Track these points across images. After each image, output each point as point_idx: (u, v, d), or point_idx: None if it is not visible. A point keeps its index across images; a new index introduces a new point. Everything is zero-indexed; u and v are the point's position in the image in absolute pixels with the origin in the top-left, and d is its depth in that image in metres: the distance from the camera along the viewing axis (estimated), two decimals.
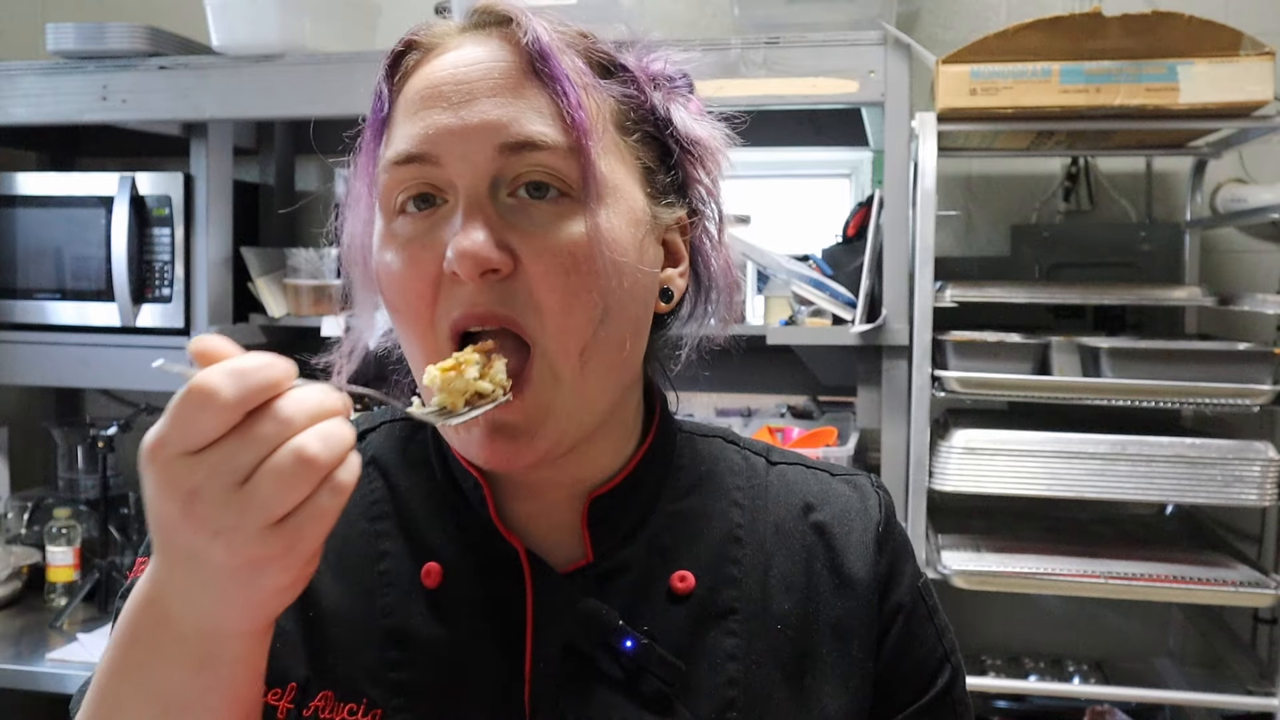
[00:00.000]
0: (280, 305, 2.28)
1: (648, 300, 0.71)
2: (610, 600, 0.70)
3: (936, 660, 0.77)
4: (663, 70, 0.74)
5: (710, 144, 0.75)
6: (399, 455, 0.78)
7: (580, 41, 0.70)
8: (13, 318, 2.30)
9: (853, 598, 0.74)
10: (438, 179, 0.66)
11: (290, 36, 2.06)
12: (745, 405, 2.39)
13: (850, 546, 0.76)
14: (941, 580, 1.77)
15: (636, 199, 0.70)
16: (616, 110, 0.70)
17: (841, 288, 1.94)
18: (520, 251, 0.64)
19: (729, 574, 0.73)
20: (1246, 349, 1.75)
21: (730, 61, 1.87)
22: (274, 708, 0.69)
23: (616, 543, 0.73)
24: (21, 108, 2.17)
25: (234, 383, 0.48)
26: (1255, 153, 2.18)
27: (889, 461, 1.85)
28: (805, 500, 0.78)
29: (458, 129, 0.65)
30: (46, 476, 2.68)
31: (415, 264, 0.66)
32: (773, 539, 0.76)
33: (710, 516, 0.76)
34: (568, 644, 0.69)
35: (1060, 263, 2.21)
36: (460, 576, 0.72)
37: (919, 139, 1.77)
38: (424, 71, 0.68)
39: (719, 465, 0.79)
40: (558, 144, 0.65)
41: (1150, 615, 2.23)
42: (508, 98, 0.65)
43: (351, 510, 0.74)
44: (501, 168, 0.65)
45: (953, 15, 2.29)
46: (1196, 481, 1.70)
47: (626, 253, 0.67)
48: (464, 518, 0.73)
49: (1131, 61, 1.69)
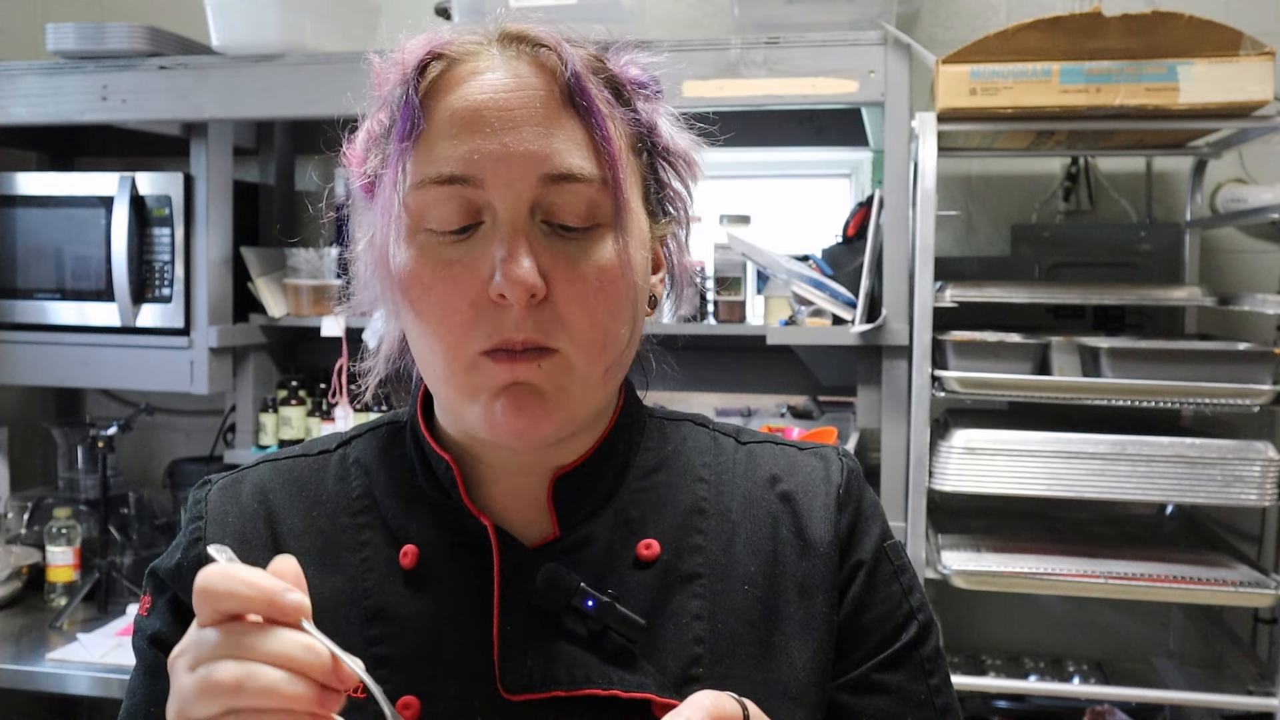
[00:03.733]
0: (280, 305, 2.28)
1: (644, 309, 0.77)
2: (578, 571, 0.74)
3: (901, 616, 0.79)
4: (638, 77, 0.76)
5: (689, 156, 0.79)
6: (381, 455, 0.82)
7: (599, 66, 0.73)
8: (13, 318, 2.30)
9: (815, 557, 0.78)
10: (477, 199, 0.69)
11: (290, 36, 2.06)
12: (745, 405, 2.39)
13: (814, 511, 0.79)
14: (941, 580, 1.77)
15: (641, 219, 0.75)
16: (630, 135, 0.74)
17: (841, 288, 1.94)
18: (553, 278, 0.69)
19: (694, 542, 0.77)
20: (1246, 349, 1.75)
21: (730, 61, 1.87)
22: None
23: (582, 518, 0.77)
24: (21, 108, 2.17)
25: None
26: (1255, 153, 2.18)
27: (889, 461, 1.85)
28: (772, 473, 0.82)
29: (501, 155, 0.68)
30: (46, 476, 2.68)
31: (457, 284, 0.69)
32: (739, 509, 0.80)
33: (675, 490, 0.80)
34: (532, 606, 0.73)
35: (1060, 263, 2.21)
36: (435, 556, 0.76)
37: (919, 139, 1.77)
38: (461, 91, 0.70)
39: (686, 445, 0.83)
40: (593, 176, 0.69)
41: (1150, 615, 2.23)
42: (547, 128, 0.69)
43: (334, 506, 0.80)
44: (540, 196, 0.69)
45: (953, 15, 2.29)
46: (1196, 481, 1.70)
47: (641, 273, 0.74)
48: (438, 504, 0.78)
49: (1131, 61, 1.69)
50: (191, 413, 2.65)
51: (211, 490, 0.82)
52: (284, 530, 0.79)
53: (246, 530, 0.79)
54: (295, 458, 0.84)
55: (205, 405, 2.61)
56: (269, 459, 0.85)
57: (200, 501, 0.82)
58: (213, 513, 0.80)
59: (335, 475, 0.82)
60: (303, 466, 0.83)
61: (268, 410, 2.33)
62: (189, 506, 0.83)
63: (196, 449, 2.61)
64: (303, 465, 0.83)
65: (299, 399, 2.31)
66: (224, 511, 0.80)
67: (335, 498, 0.80)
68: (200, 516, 0.81)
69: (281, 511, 0.80)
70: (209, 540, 0.79)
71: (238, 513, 0.80)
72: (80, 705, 2.51)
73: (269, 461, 0.84)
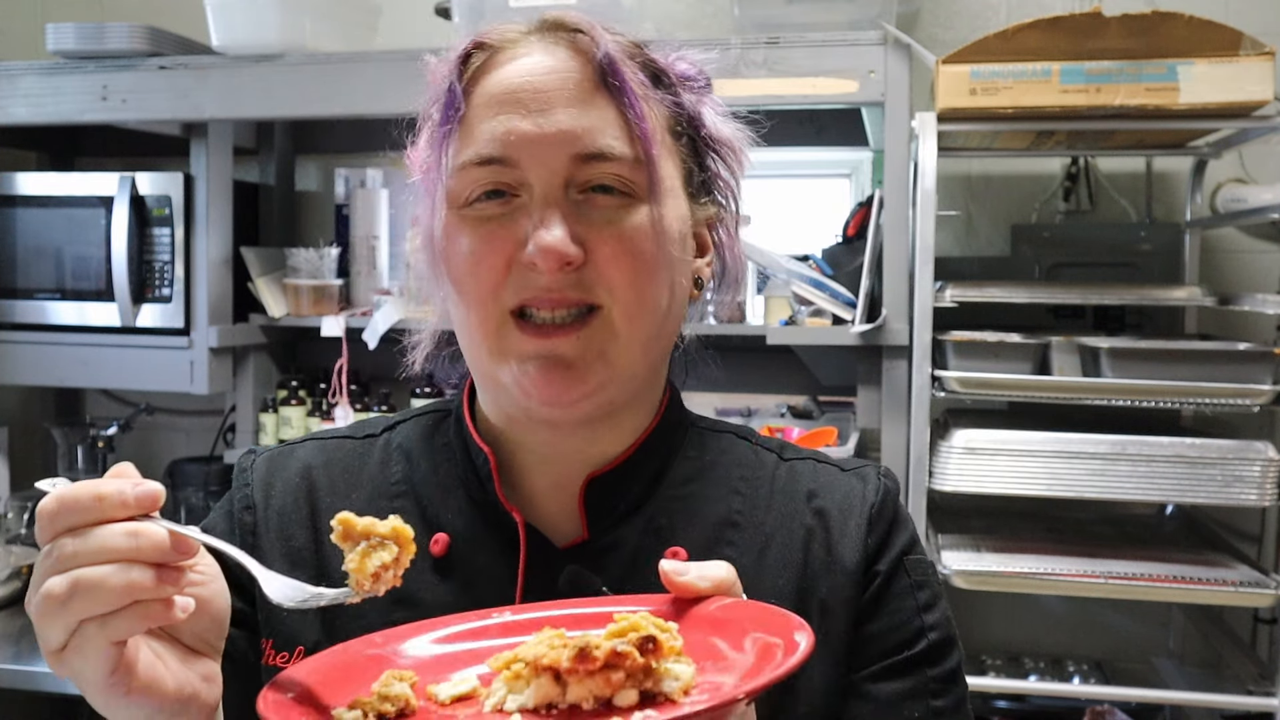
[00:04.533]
0: (280, 305, 2.28)
1: (688, 286, 0.79)
2: (603, 574, 0.74)
3: (911, 631, 0.77)
4: (686, 70, 0.78)
5: (735, 144, 0.81)
6: (425, 442, 0.83)
7: (636, 52, 0.75)
8: (13, 318, 2.30)
9: (843, 574, 0.77)
10: (513, 179, 0.71)
11: (290, 36, 2.06)
12: (745, 405, 2.39)
13: (847, 530, 0.79)
14: (942, 580, 1.76)
15: (681, 198, 0.77)
16: (668, 117, 0.76)
17: (841, 288, 1.94)
18: (590, 243, 0.70)
19: (723, 554, 0.76)
20: (1246, 349, 1.75)
21: (730, 61, 1.87)
22: (279, 669, 0.73)
23: (612, 522, 0.77)
24: (21, 108, 2.17)
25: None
26: (1255, 153, 2.18)
27: (889, 461, 1.85)
28: (810, 489, 0.81)
29: (535, 136, 0.70)
30: (46, 476, 2.68)
31: (492, 241, 0.71)
32: (774, 523, 0.79)
33: (708, 502, 0.79)
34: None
35: (1060, 263, 2.21)
36: (466, 546, 0.77)
37: (919, 139, 1.77)
38: (497, 75, 0.73)
39: (725, 457, 0.83)
40: (625, 155, 0.71)
41: (1150, 615, 2.23)
42: (581, 109, 0.71)
43: (373, 490, 0.81)
44: (574, 173, 0.71)
45: (953, 15, 2.29)
46: (1196, 481, 1.70)
47: (678, 245, 0.75)
48: (474, 494, 0.79)
49: (1131, 61, 1.69)
50: (191, 413, 2.65)
51: (258, 460, 0.84)
52: (322, 508, 0.80)
53: (287, 504, 0.81)
54: (343, 439, 0.86)
55: (205, 405, 2.61)
56: (318, 436, 0.87)
57: (246, 470, 0.84)
58: (258, 480, 0.82)
59: (378, 460, 0.83)
60: (348, 448, 0.85)
61: (268, 410, 2.33)
62: (235, 475, 0.85)
63: (196, 449, 2.61)
64: (348, 447, 0.85)
65: (299, 399, 2.31)
66: (269, 482, 0.82)
67: (375, 481, 0.82)
68: (248, 484, 0.82)
69: (322, 490, 0.82)
70: (258, 508, 0.81)
71: (281, 486, 0.82)
72: (80, 705, 2.51)
73: (317, 440, 0.86)
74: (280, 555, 0.79)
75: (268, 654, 0.77)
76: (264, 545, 0.80)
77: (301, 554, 0.79)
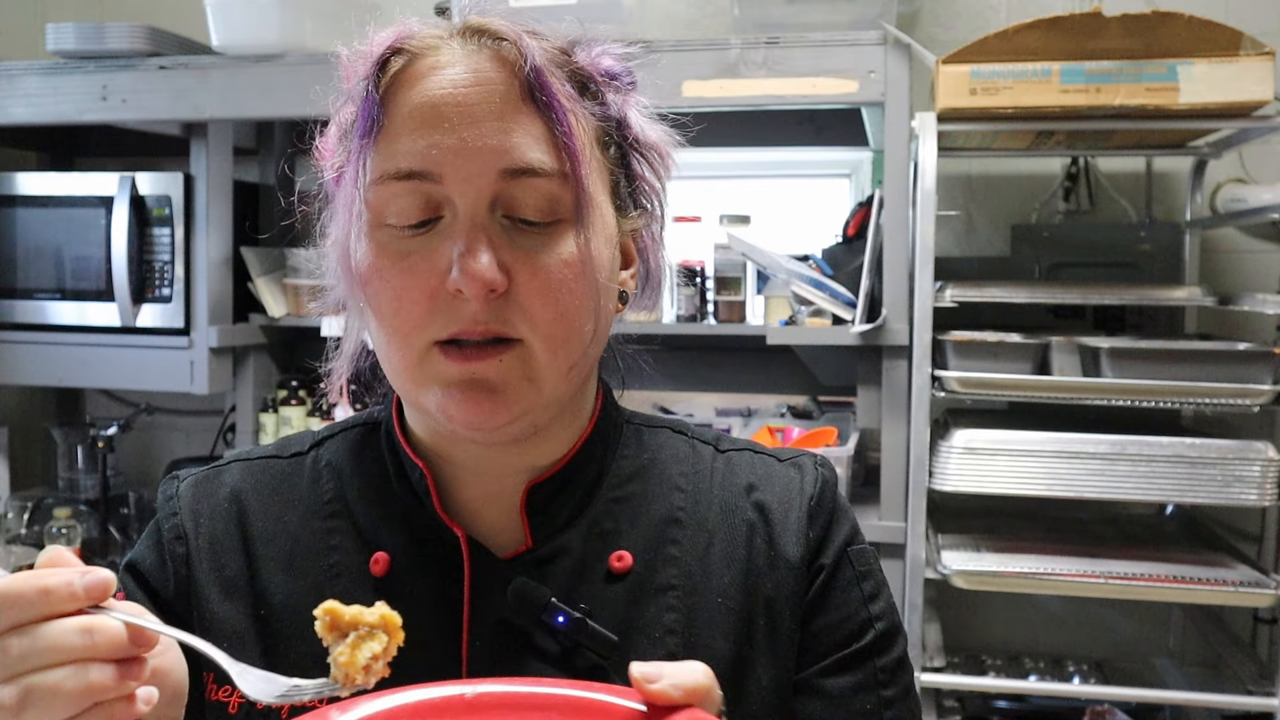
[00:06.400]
0: (280, 305, 2.28)
1: (611, 306, 0.76)
2: (549, 583, 0.73)
3: (857, 623, 0.77)
4: (612, 67, 0.75)
5: (661, 148, 0.78)
6: (355, 457, 0.81)
7: (563, 60, 0.72)
8: (13, 318, 2.30)
9: (786, 570, 0.76)
10: (437, 195, 0.68)
11: (290, 36, 2.06)
12: (745, 405, 2.39)
13: (788, 524, 0.78)
14: (941, 580, 1.77)
15: (608, 214, 0.74)
16: (596, 128, 0.73)
17: (841, 288, 1.94)
18: (515, 271, 0.68)
19: (668, 553, 0.76)
20: (1246, 349, 1.75)
21: (730, 61, 1.87)
22: (225, 704, 0.72)
23: (555, 529, 0.75)
24: (21, 108, 2.17)
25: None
26: (1255, 153, 2.18)
27: (889, 461, 1.85)
28: (749, 481, 0.80)
29: (459, 150, 0.67)
30: (46, 476, 2.68)
31: (414, 275, 0.68)
32: (715, 519, 0.78)
33: (651, 500, 0.78)
34: (502, 621, 0.72)
35: (1060, 263, 2.21)
36: (407, 564, 0.75)
37: (919, 139, 1.77)
38: (420, 86, 0.69)
39: (663, 453, 0.82)
40: (553, 171, 0.68)
41: (1150, 615, 2.23)
42: (507, 122, 0.68)
43: (306, 511, 0.78)
44: (500, 191, 0.68)
45: (953, 15, 2.29)
46: (1196, 481, 1.70)
47: (606, 270, 0.72)
48: (412, 510, 0.77)
49: (1131, 61, 1.69)
50: (191, 413, 2.65)
51: (182, 486, 0.81)
52: (255, 533, 0.78)
53: (218, 531, 0.78)
54: (269, 458, 0.83)
55: (205, 405, 2.61)
56: (242, 458, 0.83)
57: (173, 498, 0.80)
58: (186, 508, 0.79)
59: (309, 479, 0.80)
60: (276, 469, 0.82)
61: (268, 410, 2.33)
62: (160, 503, 0.81)
63: (196, 449, 2.61)
64: (277, 467, 0.82)
65: (299, 399, 2.31)
66: (197, 510, 0.79)
67: (306, 501, 0.79)
68: (175, 513, 0.79)
69: (254, 514, 0.79)
70: (189, 537, 0.78)
71: (210, 512, 0.79)
72: None
73: (242, 461, 0.83)
74: (215, 585, 0.76)
75: (209, 688, 0.74)
76: (198, 575, 0.76)
77: (236, 583, 0.76)
